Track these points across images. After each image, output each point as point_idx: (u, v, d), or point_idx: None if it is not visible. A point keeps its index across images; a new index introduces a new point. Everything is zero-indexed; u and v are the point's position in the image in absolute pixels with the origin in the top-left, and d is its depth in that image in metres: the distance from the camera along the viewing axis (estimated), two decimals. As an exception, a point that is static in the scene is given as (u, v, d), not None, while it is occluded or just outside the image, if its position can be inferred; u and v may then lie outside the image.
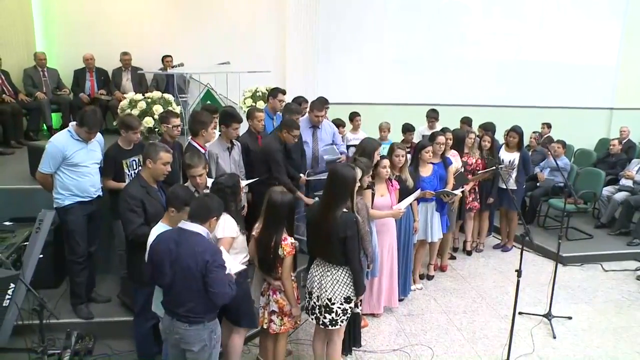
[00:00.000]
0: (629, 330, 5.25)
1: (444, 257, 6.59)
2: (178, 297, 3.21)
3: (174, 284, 3.17)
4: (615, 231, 7.50)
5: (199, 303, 3.21)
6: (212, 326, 3.34)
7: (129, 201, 3.84)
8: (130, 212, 3.84)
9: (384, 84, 10.04)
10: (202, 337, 3.27)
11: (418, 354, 4.75)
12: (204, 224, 3.21)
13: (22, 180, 5.55)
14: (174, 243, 3.17)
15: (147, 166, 3.96)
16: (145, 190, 3.93)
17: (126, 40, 8.63)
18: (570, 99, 10.60)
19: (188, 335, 3.25)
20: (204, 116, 4.76)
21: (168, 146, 4.98)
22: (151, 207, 3.90)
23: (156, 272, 3.21)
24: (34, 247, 3.94)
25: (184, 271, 3.13)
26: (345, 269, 3.78)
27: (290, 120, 5.40)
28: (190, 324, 3.23)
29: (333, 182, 3.73)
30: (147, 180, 3.98)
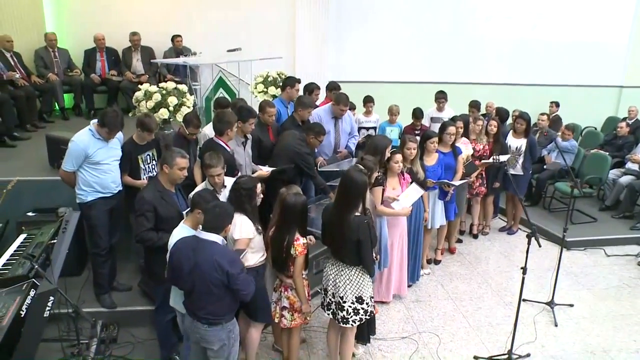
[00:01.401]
0: (628, 318, 5.47)
1: (452, 240, 6.80)
2: (198, 301, 3.41)
3: (194, 289, 3.37)
4: (619, 214, 7.67)
5: (217, 307, 3.42)
6: (230, 326, 3.56)
7: (142, 206, 4.00)
8: (140, 217, 4.00)
9: (394, 62, 10.08)
10: (221, 337, 3.50)
11: (425, 342, 5.00)
12: (219, 233, 3.39)
13: (43, 172, 5.71)
14: (192, 251, 3.34)
15: (163, 171, 4.09)
16: (160, 194, 4.07)
17: (135, 19, 8.63)
18: (579, 77, 10.60)
19: (208, 336, 3.48)
20: (229, 116, 4.86)
21: (183, 140, 5.21)
22: (164, 212, 4.04)
23: (175, 277, 3.41)
24: (61, 245, 4.13)
25: (203, 278, 3.32)
26: (358, 268, 3.98)
27: (318, 125, 5.59)
28: (210, 325, 3.45)
29: (345, 187, 3.89)
30: (164, 185, 4.13)
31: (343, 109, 6.34)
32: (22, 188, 5.29)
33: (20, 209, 5.35)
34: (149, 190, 4.09)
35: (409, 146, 5.36)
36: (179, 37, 8.61)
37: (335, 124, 6.43)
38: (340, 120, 6.45)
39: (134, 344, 4.70)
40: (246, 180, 4.12)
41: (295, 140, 5.47)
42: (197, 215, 3.65)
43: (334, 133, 6.43)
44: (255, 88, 7.10)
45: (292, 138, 5.51)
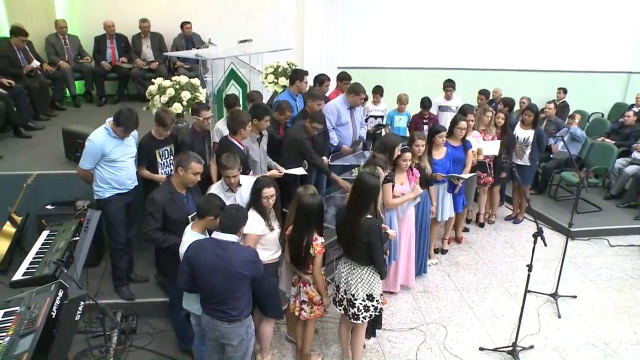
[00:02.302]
0: (629, 310, 5.65)
1: (459, 230, 6.97)
2: (219, 300, 3.56)
3: (214, 289, 3.52)
4: (624, 204, 7.80)
5: (237, 304, 3.59)
6: (248, 322, 3.74)
7: (151, 206, 4.13)
8: (148, 216, 4.13)
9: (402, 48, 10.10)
10: (240, 333, 3.68)
11: (433, 332, 5.19)
12: (234, 233, 3.54)
13: (60, 165, 5.86)
14: (213, 252, 3.48)
15: (178, 173, 4.21)
16: (171, 196, 4.19)
17: (144, 6, 8.67)
18: (588, 63, 10.61)
19: (228, 332, 3.65)
20: (243, 116, 4.96)
21: (198, 135, 5.33)
22: (173, 213, 4.17)
23: (196, 279, 3.56)
24: (83, 243, 4.30)
25: (227, 276, 3.47)
26: (370, 267, 4.14)
27: (321, 115, 5.67)
28: (230, 323, 3.61)
29: (358, 191, 4.02)
30: (176, 187, 4.25)
31: (362, 97, 6.51)
32: (41, 181, 5.49)
33: (39, 202, 5.53)
34: (160, 192, 4.21)
35: (417, 143, 5.48)
36: (188, 24, 8.65)
37: (352, 115, 6.55)
38: (355, 110, 6.56)
39: (153, 334, 4.89)
40: (259, 180, 4.24)
41: (295, 128, 5.65)
42: (207, 221, 3.78)
43: (352, 123, 6.55)
44: (265, 78, 7.18)
45: (294, 128, 5.70)
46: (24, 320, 3.31)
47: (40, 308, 3.37)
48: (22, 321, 3.31)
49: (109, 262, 5.32)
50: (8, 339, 3.18)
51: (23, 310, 3.43)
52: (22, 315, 3.38)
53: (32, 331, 3.16)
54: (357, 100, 6.41)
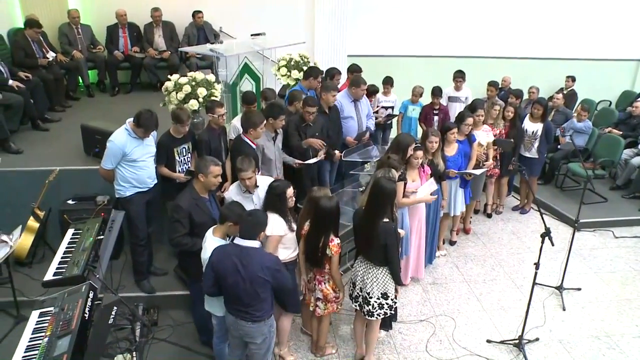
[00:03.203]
0: (632, 302, 5.84)
1: (467, 221, 7.15)
2: (243, 302, 3.74)
3: (239, 293, 3.69)
4: (630, 194, 7.94)
5: (261, 307, 3.77)
6: (270, 321, 3.93)
7: (178, 213, 4.27)
8: (176, 223, 4.27)
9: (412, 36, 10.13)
10: (263, 332, 3.87)
11: (442, 325, 5.40)
12: (255, 239, 3.71)
13: (79, 160, 6.02)
14: (237, 258, 3.64)
15: (199, 179, 4.34)
16: (195, 202, 4.33)
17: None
18: (597, 51, 10.62)
19: (252, 332, 3.85)
20: (256, 117, 5.09)
21: (214, 132, 5.46)
22: (198, 218, 4.32)
23: (221, 283, 3.74)
24: (107, 242, 4.50)
25: (251, 281, 3.63)
26: (385, 268, 4.32)
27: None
28: (254, 322, 3.80)
29: (375, 195, 4.18)
30: (199, 192, 4.39)
31: (363, 88, 6.58)
32: (61, 177, 5.62)
33: (60, 197, 5.69)
34: (184, 198, 4.33)
35: (431, 139, 5.62)
36: (199, 12, 8.71)
37: (356, 107, 6.65)
38: (359, 103, 6.67)
39: (173, 327, 5.11)
40: (277, 185, 4.41)
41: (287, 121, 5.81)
42: (227, 227, 3.93)
43: (356, 116, 6.65)
44: (278, 70, 7.28)
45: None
46: (59, 321, 3.52)
47: (74, 310, 3.57)
48: (57, 322, 3.52)
49: (129, 256, 5.50)
50: (47, 339, 3.41)
51: (57, 312, 3.64)
52: (57, 317, 3.59)
53: (68, 333, 3.37)
54: (359, 93, 6.52)
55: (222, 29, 9.01)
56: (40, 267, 5.44)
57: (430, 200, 5.54)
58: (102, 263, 4.41)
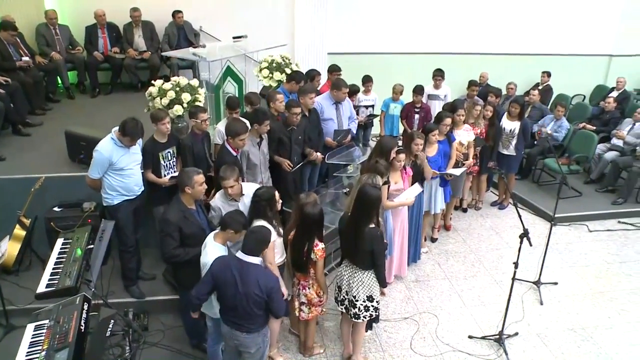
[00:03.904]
0: (604, 295, 6.12)
1: (447, 218, 7.36)
2: (239, 314, 3.84)
3: (237, 305, 3.79)
4: (603, 188, 8.25)
5: (256, 320, 3.89)
6: (265, 332, 4.05)
7: (167, 227, 4.33)
8: (167, 237, 4.33)
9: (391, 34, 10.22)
10: (257, 342, 4.00)
11: (425, 322, 5.60)
12: (257, 256, 3.83)
13: (64, 167, 6.02)
14: (237, 272, 3.73)
15: (186, 192, 4.39)
16: (183, 214, 4.39)
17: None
18: (571, 46, 10.89)
19: (246, 342, 3.96)
20: (238, 126, 5.17)
21: (197, 137, 5.54)
22: (187, 229, 4.39)
23: (219, 293, 3.86)
24: (98, 252, 4.54)
25: (247, 296, 3.74)
26: (370, 272, 4.48)
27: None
28: (248, 333, 3.92)
29: (361, 202, 4.32)
30: (186, 204, 4.45)
31: (344, 91, 6.69)
32: (47, 184, 5.62)
33: (46, 204, 5.68)
34: (173, 212, 4.38)
35: (416, 142, 5.77)
36: (179, 12, 8.68)
37: (337, 109, 6.77)
38: (341, 105, 6.79)
39: (164, 331, 5.21)
40: (264, 191, 4.53)
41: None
42: (228, 234, 4.05)
43: (337, 119, 6.77)
44: (260, 72, 7.36)
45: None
46: (55, 334, 3.61)
47: (70, 322, 3.67)
48: (54, 335, 3.61)
49: (117, 261, 5.56)
50: (44, 353, 3.49)
51: (53, 324, 3.73)
52: (52, 330, 3.67)
53: (65, 346, 3.47)
54: (340, 95, 6.64)
55: (202, 28, 9.02)
56: (27, 275, 5.52)
57: (412, 203, 5.71)
58: (93, 272, 4.48)
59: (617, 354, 5.23)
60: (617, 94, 9.81)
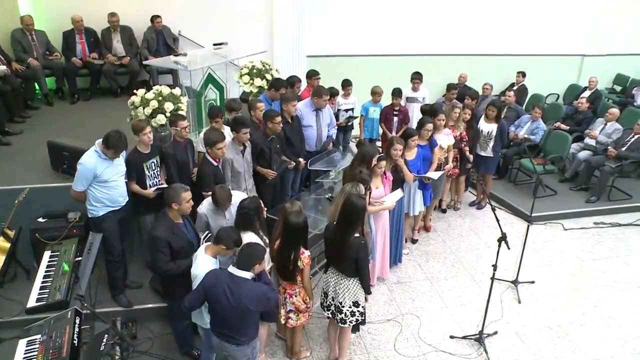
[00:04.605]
0: (579, 292, 6.39)
1: (427, 220, 7.57)
2: (229, 327, 3.97)
3: (228, 318, 3.92)
4: (577, 187, 8.55)
5: (246, 332, 4.01)
6: (254, 343, 4.17)
7: (157, 244, 4.42)
8: (157, 253, 4.43)
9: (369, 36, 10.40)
10: (246, 353, 4.13)
11: (408, 323, 5.79)
12: (249, 271, 3.92)
13: (48, 177, 6.04)
14: (228, 287, 3.84)
15: (173, 208, 4.48)
16: (171, 229, 4.48)
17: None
18: (545, 46, 11.21)
19: (236, 354, 4.09)
20: (214, 136, 5.28)
21: (180, 145, 5.64)
22: (176, 244, 4.48)
23: (210, 306, 3.98)
24: (86, 264, 4.61)
25: (239, 310, 3.85)
26: (355, 279, 4.64)
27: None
28: (238, 345, 4.05)
29: (347, 212, 4.47)
30: (174, 219, 4.54)
31: (325, 99, 6.84)
32: (31, 194, 5.64)
33: (30, 215, 5.70)
34: (161, 228, 4.46)
35: (396, 147, 5.95)
36: (158, 17, 8.71)
37: (317, 116, 6.92)
38: (321, 112, 6.94)
39: (153, 339, 5.31)
40: (249, 201, 4.65)
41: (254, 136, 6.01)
42: (220, 249, 4.15)
43: (316, 125, 6.92)
44: (240, 78, 7.46)
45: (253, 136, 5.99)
46: (49, 349, 3.71)
47: (62, 337, 3.77)
48: (47, 350, 3.71)
49: (103, 270, 5.60)
50: (38, 369, 3.59)
51: (45, 339, 3.82)
52: (45, 345, 3.77)
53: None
54: (321, 102, 6.80)
55: (182, 32, 9.07)
56: (12, 287, 5.56)
57: (393, 207, 5.89)
58: (82, 285, 4.56)
59: (591, 349, 5.48)
60: (590, 94, 10.15)
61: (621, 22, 11.48)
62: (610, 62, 11.70)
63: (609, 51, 11.53)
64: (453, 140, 7.07)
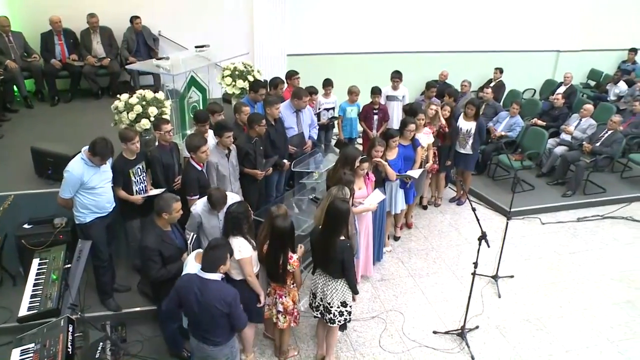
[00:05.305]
0: (556, 285, 6.64)
1: (409, 217, 7.75)
2: (204, 328, 4.08)
3: (201, 319, 4.03)
4: (554, 181, 8.82)
5: (220, 332, 4.11)
6: (231, 343, 4.27)
7: (148, 253, 4.54)
8: (149, 261, 4.55)
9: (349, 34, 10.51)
10: (224, 353, 4.23)
11: (392, 319, 5.97)
12: (217, 272, 4.02)
13: (32, 183, 6.06)
14: (198, 289, 3.96)
15: (162, 217, 4.59)
16: (160, 238, 4.60)
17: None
18: (521, 43, 11.47)
19: (213, 354, 4.19)
20: (196, 141, 5.40)
21: (165, 149, 5.72)
22: (166, 251, 4.61)
23: (184, 309, 4.09)
24: (76, 271, 4.69)
25: (210, 310, 3.96)
26: (342, 280, 4.79)
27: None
28: (214, 346, 4.15)
29: (332, 216, 4.60)
30: (162, 227, 4.65)
31: (305, 100, 6.98)
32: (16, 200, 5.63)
33: (15, 221, 5.74)
34: (150, 238, 4.56)
35: (377, 149, 6.12)
36: (138, 18, 8.71)
37: (297, 117, 7.06)
38: (301, 113, 7.07)
39: (142, 341, 5.40)
40: (237, 206, 4.75)
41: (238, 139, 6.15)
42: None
43: (297, 126, 7.07)
44: (223, 80, 7.54)
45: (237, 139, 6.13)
46: (44, 358, 3.77)
47: (56, 345, 3.83)
48: (42, 359, 3.77)
49: (90, 275, 5.67)
50: (34, 378, 3.66)
51: (39, 348, 3.86)
52: (40, 353, 3.82)
53: (55, 369, 3.65)
54: (301, 104, 6.95)
55: (162, 33, 9.09)
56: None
57: (375, 208, 6.05)
58: (72, 292, 4.64)
59: (568, 340, 5.73)
60: (565, 89, 10.42)
61: (595, 19, 11.79)
62: (584, 57, 12.06)
63: (583, 47, 11.87)
64: (432, 139, 7.25)
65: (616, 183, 9.07)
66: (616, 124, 8.37)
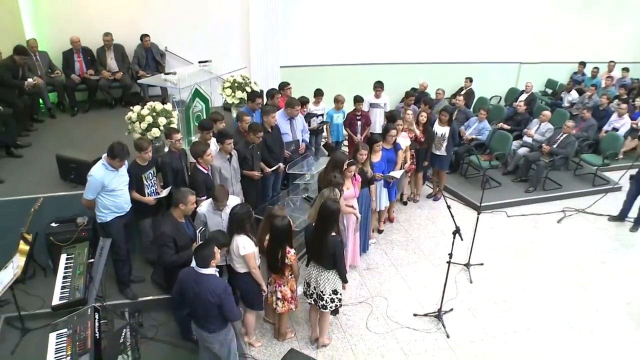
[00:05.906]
0: (520, 271, 6.83)
1: (391, 212, 7.90)
2: (199, 316, 4.24)
3: (197, 308, 4.18)
4: (517, 179, 9.01)
5: (214, 321, 4.25)
6: (226, 330, 4.39)
7: (164, 239, 4.71)
8: (164, 247, 4.72)
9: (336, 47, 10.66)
10: (219, 339, 4.36)
11: (377, 304, 6.12)
12: (209, 267, 4.14)
13: (58, 187, 6.14)
14: (194, 282, 4.11)
15: (179, 207, 4.77)
16: (176, 227, 4.77)
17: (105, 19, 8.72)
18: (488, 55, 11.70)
19: (209, 339, 4.35)
20: (200, 148, 5.54)
21: (174, 155, 5.83)
22: (180, 240, 4.78)
23: (184, 299, 4.24)
24: (98, 266, 4.81)
25: (203, 302, 4.11)
26: (334, 271, 4.94)
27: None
28: (210, 332, 4.30)
29: (324, 215, 4.75)
30: (177, 218, 4.82)
31: (297, 109, 7.13)
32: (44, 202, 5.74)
33: (44, 220, 5.80)
34: (167, 226, 4.75)
35: (361, 152, 6.25)
36: (147, 36, 8.79)
37: (291, 124, 7.20)
38: (294, 120, 7.20)
39: (157, 326, 5.50)
40: (240, 208, 4.87)
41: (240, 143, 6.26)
42: None
43: (291, 132, 7.21)
44: (223, 91, 7.65)
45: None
46: (75, 341, 3.89)
47: (85, 331, 3.95)
48: (74, 342, 3.89)
49: (110, 268, 5.71)
50: (69, 358, 3.77)
51: (71, 333, 3.99)
52: (72, 338, 3.94)
53: (86, 351, 3.77)
54: (293, 112, 7.11)
55: (168, 48, 9.17)
56: (33, 283, 5.74)
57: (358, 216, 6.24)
58: (96, 283, 4.75)
59: (529, 319, 5.93)
60: (526, 96, 10.64)
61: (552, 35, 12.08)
62: (542, 69, 12.35)
63: (541, 59, 12.12)
64: (409, 142, 7.40)
65: (570, 180, 9.29)
66: (570, 128, 8.58)
